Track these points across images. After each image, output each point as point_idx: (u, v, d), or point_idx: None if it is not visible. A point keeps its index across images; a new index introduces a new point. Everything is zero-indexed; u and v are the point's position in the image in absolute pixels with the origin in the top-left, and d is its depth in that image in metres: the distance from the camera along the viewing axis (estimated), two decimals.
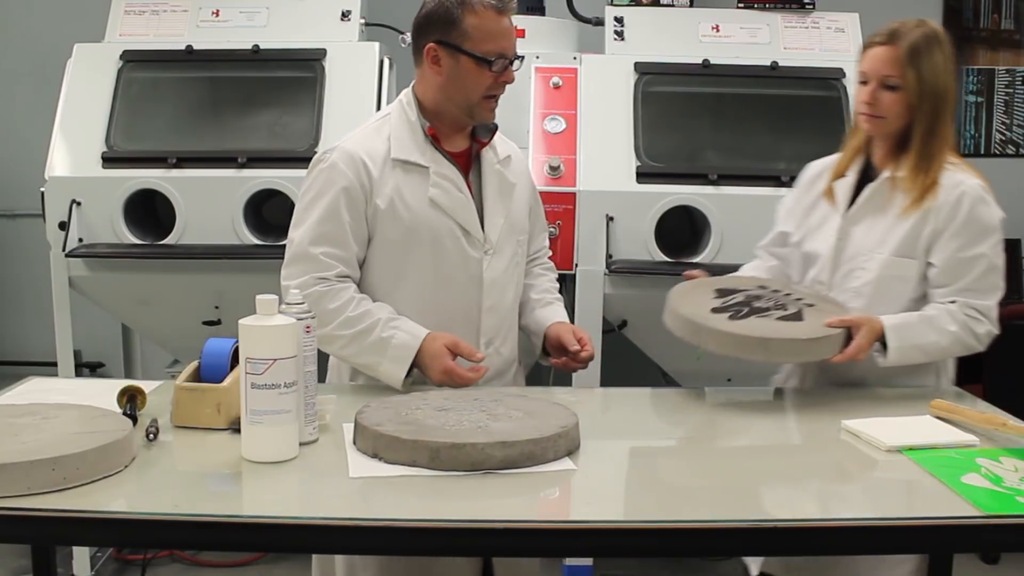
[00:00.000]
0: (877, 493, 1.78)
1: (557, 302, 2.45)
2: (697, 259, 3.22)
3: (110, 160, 3.26)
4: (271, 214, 3.39)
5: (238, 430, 1.78)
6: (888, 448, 1.85)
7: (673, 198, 3.25)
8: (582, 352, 2.28)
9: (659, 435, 1.98)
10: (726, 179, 3.28)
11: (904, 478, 1.78)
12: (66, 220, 3.19)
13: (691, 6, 3.68)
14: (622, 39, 3.58)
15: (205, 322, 3.30)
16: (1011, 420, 1.97)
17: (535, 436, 1.74)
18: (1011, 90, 4.63)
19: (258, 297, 1.75)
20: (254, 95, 3.43)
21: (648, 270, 3.20)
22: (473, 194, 2.27)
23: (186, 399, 1.92)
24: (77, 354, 3.74)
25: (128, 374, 3.77)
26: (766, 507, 1.67)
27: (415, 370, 2.18)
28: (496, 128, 2.31)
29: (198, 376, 1.98)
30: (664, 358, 3.47)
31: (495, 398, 1.98)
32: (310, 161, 3.19)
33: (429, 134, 2.24)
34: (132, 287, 3.31)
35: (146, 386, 2.00)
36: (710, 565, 3.69)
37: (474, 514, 1.58)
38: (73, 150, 3.29)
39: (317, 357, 1.83)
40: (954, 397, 2.19)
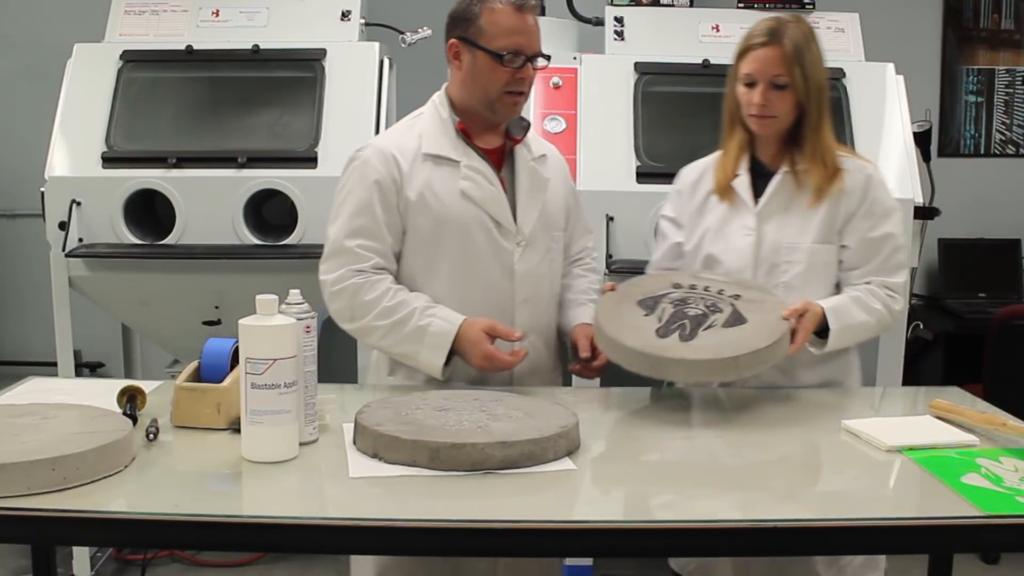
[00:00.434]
0: (877, 493, 1.78)
1: (591, 304, 2.42)
2: None
3: (110, 160, 3.26)
4: (271, 214, 3.39)
5: (238, 430, 1.78)
6: (888, 448, 1.86)
7: None
8: (594, 361, 2.27)
9: (659, 435, 1.98)
10: None
11: (904, 478, 1.78)
12: (66, 220, 3.19)
13: (691, 6, 3.68)
14: (622, 39, 3.58)
15: (205, 322, 3.30)
16: (1011, 420, 1.97)
17: (535, 436, 1.74)
18: (1011, 90, 4.62)
19: (258, 297, 1.75)
20: (254, 95, 3.43)
21: None
22: (506, 189, 2.30)
23: (186, 399, 1.92)
24: (77, 354, 3.74)
25: (128, 374, 3.76)
26: (766, 507, 1.67)
27: (454, 357, 2.19)
28: (529, 125, 2.36)
29: (198, 376, 1.99)
30: None
31: (495, 398, 1.98)
32: (310, 161, 3.24)
33: (460, 129, 2.27)
34: (132, 287, 3.31)
35: (146, 386, 2.01)
36: None
37: (474, 514, 1.58)
38: (73, 150, 3.29)
39: (317, 358, 1.83)
40: (954, 397, 2.19)
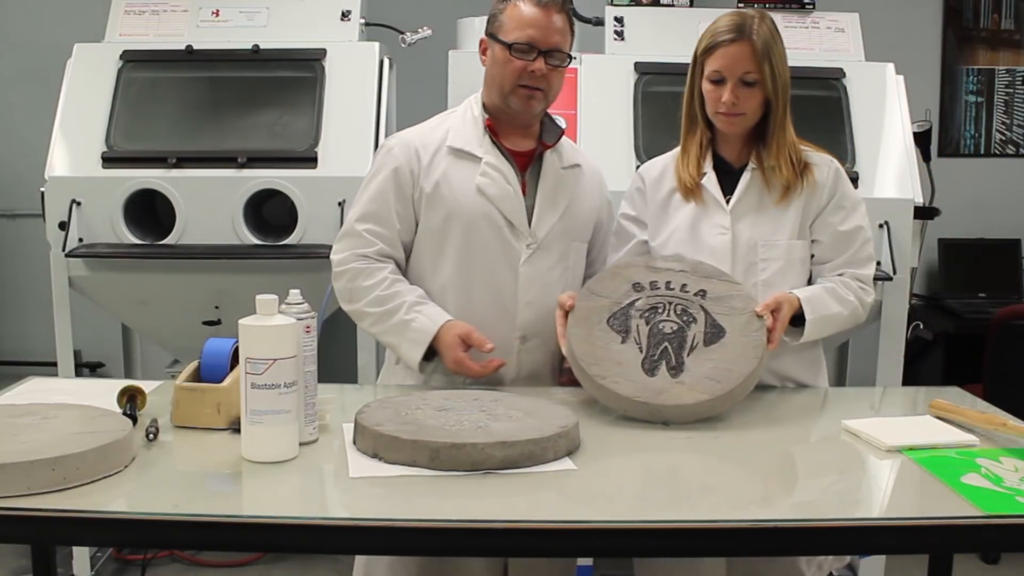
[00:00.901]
0: (877, 493, 1.78)
1: None
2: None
3: (110, 160, 3.26)
4: (271, 214, 3.39)
5: (238, 430, 1.78)
6: (888, 448, 1.85)
7: None
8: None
9: (659, 435, 1.98)
10: None
11: (904, 478, 1.78)
12: (66, 220, 3.18)
13: (691, 6, 3.68)
14: (622, 39, 3.58)
15: (205, 322, 3.30)
16: (1011, 420, 1.97)
17: (535, 436, 1.74)
18: (1011, 90, 4.62)
19: (258, 297, 1.75)
20: (254, 95, 3.43)
21: None
22: (527, 191, 2.31)
23: (186, 399, 1.92)
24: (77, 354, 3.74)
25: (128, 374, 3.76)
26: (766, 507, 1.67)
27: (437, 355, 2.22)
28: (563, 131, 2.36)
29: (198, 376, 1.99)
30: None
31: (495, 398, 1.98)
32: (310, 161, 3.24)
33: (487, 125, 2.29)
34: (132, 287, 3.31)
35: (146, 386, 2.00)
36: None
37: (474, 514, 1.58)
38: (73, 150, 3.29)
39: (317, 358, 1.83)
40: (954, 397, 2.19)
